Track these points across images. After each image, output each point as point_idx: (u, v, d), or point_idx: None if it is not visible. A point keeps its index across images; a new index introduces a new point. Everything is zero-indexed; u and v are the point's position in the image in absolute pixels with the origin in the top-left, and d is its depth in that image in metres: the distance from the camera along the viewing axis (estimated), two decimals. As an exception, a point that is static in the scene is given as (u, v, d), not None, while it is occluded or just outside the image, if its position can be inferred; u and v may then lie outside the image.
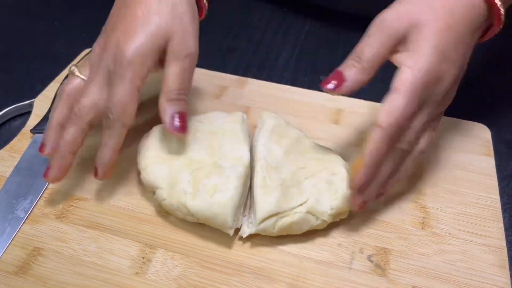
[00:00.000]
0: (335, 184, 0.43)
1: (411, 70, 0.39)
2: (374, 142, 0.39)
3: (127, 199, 0.47)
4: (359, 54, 0.41)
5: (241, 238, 0.44)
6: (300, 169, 0.45)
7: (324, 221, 0.43)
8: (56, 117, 0.45)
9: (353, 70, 0.41)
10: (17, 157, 0.51)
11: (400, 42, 0.40)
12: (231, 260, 0.42)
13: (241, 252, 0.43)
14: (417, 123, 0.41)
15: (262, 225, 0.42)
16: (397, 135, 0.40)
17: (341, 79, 0.41)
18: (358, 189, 0.41)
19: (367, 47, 0.41)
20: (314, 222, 0.43)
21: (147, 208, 0.46)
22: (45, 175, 0.44)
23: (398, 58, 0.40)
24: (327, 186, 0.43)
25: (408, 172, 0.44)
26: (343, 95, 0.41)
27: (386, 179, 0.42)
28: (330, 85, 0.41)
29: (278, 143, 0.46)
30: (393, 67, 0.40)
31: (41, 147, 0.45)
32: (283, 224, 0.42)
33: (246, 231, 0.43)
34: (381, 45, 0.40)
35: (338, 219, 0.44)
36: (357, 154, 0.43)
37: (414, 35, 0.40)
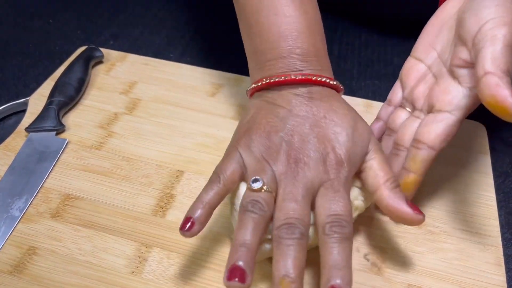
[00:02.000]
0: None
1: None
2: (427, 160, 0.41)
3: (122, 198, 0.47)
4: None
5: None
6: None
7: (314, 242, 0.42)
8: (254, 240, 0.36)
9: None
10: (12, 156, 0.50)
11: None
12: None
13: (237, 250, 0.43)
14: None
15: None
16: None
17: None
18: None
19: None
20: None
21: (142, 207, 0.46)
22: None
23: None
24: None
25: None
26: None
27: None
28: None
29: None
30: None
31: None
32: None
33: None
34: None
35: None
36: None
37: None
